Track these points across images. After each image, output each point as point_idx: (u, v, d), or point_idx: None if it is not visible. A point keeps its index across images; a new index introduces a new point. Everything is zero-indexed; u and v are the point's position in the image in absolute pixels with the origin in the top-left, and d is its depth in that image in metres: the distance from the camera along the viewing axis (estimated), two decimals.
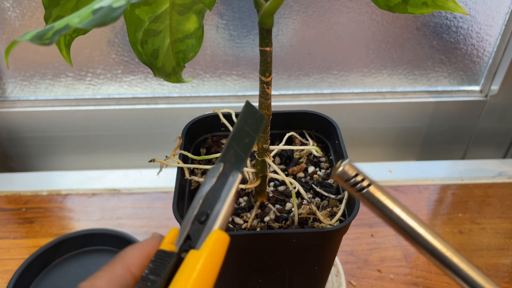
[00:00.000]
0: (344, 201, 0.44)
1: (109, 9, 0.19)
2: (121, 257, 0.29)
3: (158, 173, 0.46)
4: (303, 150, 0.51)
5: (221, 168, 0.31)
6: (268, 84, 0.37)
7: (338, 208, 0.44)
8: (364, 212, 0.70)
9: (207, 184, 0.30)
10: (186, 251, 0.28)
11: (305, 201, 0.45)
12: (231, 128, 0.48)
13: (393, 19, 0.74)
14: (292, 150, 0.52)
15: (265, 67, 0.36)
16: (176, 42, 0.36)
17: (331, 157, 0.50)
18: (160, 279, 0.27)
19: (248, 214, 0.45)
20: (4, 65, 0.77)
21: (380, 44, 0.77)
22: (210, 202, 0.30)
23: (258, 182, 0.44)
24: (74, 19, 0.19)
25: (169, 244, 0.29)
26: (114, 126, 0.83)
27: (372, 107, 0.83)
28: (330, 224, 0.42)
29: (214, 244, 0.28)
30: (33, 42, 0.19)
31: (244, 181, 0.48)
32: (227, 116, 0.50)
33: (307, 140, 0.52)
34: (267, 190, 0.47)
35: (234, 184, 0.30)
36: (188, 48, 0.37)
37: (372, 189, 0.29)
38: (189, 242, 0.29)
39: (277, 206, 0.46)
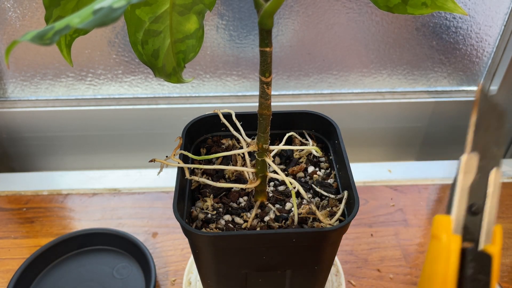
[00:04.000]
0: (343, 201, 0.44)
1: (109, 10, 0.19)
2: None
3: (159, 173, 0.46)
4: (303, 150, 0.51)
5: (477, 160, 0.32)
6: (268, 84, 0.37)
7: (337, 208, 0.44)
8: (363, 212, 0.71)
9: (467, 176, 0.32)
10: (476, 244, 0.31)
11: (304, 201, 0.45)
12: (231, 129, 0.48)
13: (392, 20, 0.74)
14: (292, 150, 0.52)
15: (265, 68, 0.36)
16: (177, 42, 0.37)
17: (330, 157, 0.50)
18: (489, 278, 0.30)
19: (248, 214, 0.45)
20: (5, 65, 0.77)
21: (380, 44, 0.77)
22: (477, 195, 0.31)
23: (258, 182, 0.44)
24: (75, 19, 0.19)
25: (454, 236, 0.31)
26: (115, 126, 0.83)
27: (372, 107, 0.83)
28: (329, 224, 0.43)
29: (500, 239, 0.31)
30: (33, 42, 0.19)
31: (244, 181, 0.48)
32: (227, 116, 0.50)
33: (307, 140, 0.52)
34: (267, 190, 0.47)
35: (499, 181, 0.32)
36: (188, 48, 0.37)
37: None
38: (470, 233, 0.31)
39: (277, 206, 0.46)
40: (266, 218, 0.45)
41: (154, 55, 0.37)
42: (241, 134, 0.47)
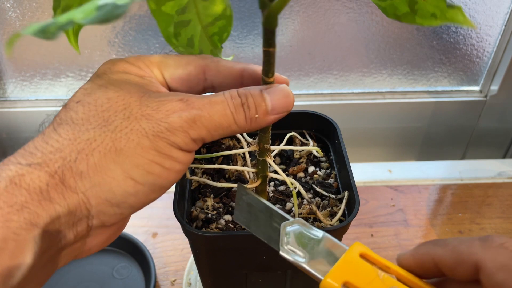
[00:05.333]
0: (344, 201, 0.44)
1: (113, 7, 0.19)
2: None
3: None
4: (303, 150, 0.51)
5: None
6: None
7: (338, 208, 0.44)
8: (364, 212, 0.71)
9: None
10: None
11: (305, 201, 0.45)
12: None
13: (393, 20, 0.74)
14: (293, 150, 0.52)
15: (268, 68, 0.36)
16: (208, 26, 0.37)
17: (331, 157, 0.50)
18: None
19: None
20: (5, 65, 0.77)
21: (380, 44, 0.77)
22: None
23: (258, 182, 0.44)
24: (78, 14, 0.19)
25: None
26: None
27: (372, 107, 0.83)
28: (330, 224, 0.42)
29: None
30: (36, 36, 0.19)
31: (244, 181, 0.48)
32: None
33: (307, 140, 0.52)
34: (267, 190, 0.47)
35: None
36: (220, 29, 0.38)
37: None
38: None
39: (278, 206, 0.46)
40: None
41: (189, 44, 0.37)
42: (241, 134, 0.47)
